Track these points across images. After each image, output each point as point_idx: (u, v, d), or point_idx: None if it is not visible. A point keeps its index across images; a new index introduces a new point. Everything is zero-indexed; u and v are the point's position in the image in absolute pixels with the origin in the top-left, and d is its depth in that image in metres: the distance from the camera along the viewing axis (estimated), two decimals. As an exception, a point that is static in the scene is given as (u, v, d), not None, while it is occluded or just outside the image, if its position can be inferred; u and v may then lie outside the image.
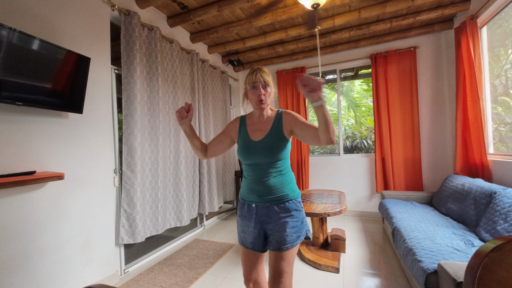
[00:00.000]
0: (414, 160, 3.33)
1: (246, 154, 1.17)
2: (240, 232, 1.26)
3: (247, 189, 1.21)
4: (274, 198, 1.13)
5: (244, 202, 1.23)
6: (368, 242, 2.71)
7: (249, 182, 1.19)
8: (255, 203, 1.17)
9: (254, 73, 1.14)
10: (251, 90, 1.16)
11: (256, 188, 1.16)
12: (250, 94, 1.17)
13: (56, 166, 1.72)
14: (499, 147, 2.53)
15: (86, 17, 1.95)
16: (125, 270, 2.25)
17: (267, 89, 1.15)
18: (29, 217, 1.57)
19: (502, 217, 1.66)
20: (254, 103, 1.18)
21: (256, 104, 1.17)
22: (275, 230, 1.12)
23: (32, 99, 1.51)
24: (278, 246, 1.10)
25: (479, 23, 2.53)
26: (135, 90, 2.23)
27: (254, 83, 1.14)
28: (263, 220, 1.16)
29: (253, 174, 1.17)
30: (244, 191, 1.24)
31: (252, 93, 1.16)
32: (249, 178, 1.20)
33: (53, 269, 1.68)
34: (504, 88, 2.49)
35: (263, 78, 1.13)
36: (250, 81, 1.15)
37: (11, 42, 1.38)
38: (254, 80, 1.14)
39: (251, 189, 1.18)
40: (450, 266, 1.24)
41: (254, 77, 1.13)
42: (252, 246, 1.20)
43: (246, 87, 1.20)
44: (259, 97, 1.14)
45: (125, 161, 2.19)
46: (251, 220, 1.18)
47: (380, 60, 3.44)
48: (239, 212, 1.26)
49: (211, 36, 3.14)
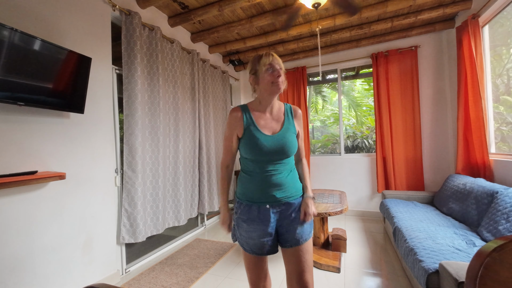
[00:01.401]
0: (415, 160, 3.32)
1: (259, 150, 1.05)
2: (246, 238, 1.09)
3: (256, 188, 1.08)
4: (290, 195, 1.09)
5: (252, 204, 1.08)
6: (369, 242, 2.70)
7: (259, 180, 1.07)
8: (269, 203, 1.06)
9: (268, 55, 1.06)
10: (266, 72, 1.05)
11: (270, 187, 1.06)
12: (265, 77, 1.06)
13: (57, 166, 1.73)
14: (501, 147, 2.52)
15: (87, 17, 1.96)
16: (126, 270, 2.25)
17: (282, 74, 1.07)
18: (31, 216, 1.58)
19: (504, 217, 1.65)
20: (270, 86, 1.06)
21: (272, 87, 1.06)
22: (291, 226, 1.08)
23: (34, 99, 1.51)
24: (298, 240, 1.07)
25: (480, 22, 2.52)
26: (136, 90, 2.23)
27: (271, 65, 1.05)
28: (277, 219, 1.08)
29: (263, 172, 1.06)
30: (250, 191, 1.09)
31: (269, 75, 1.05)
32: (258, 176, 1.07)
33: (54, 268, 1.68)
34: (506, 87, 2.48)
35: (277, 61, 1.07)
36: (265, 63, 1.05)
37: (12, 43, 1.38)
38: (271, 61, 1.05)
39: (262, 188, 1.07)
40: (451, 266, 1.24)
41: (271, 58, 1.06)
42: (268, 251, 1.09)
43: (257, 71, 1.08)
44: (277, 79, 1.05)
45: (126, 160, 2.19)
46: (266, 223, 1.06)
47: (381, 59, 3.43)
48: (244, 216, 1.10)
49: (211, 36, 3.14)
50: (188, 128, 2.98)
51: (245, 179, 1.13)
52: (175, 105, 2.77)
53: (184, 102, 2.93)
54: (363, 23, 3.11)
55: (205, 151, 3.23)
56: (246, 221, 1.08)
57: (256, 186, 1.08)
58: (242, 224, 1.10)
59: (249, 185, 1.10)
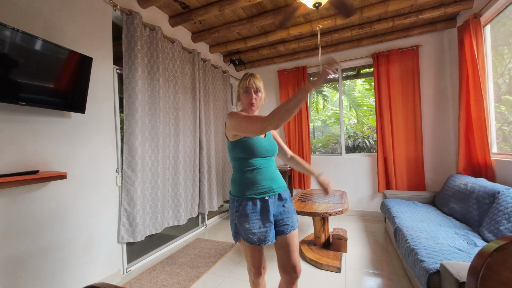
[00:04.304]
0: (416, 160, 3.32)
1: (260, 149, 1.23)
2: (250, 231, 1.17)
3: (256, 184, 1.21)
4: (281, 186, 1.30)
5: (252, 198, 1.20)
6: (370, 242, 2.70)
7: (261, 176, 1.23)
8: (267, 195, 1.22)
9: (247, 78, 1.26)
10: (243, 94, 1.27)
11: (269, 180, 1.24)
12: (242, 98, 1.29)
13: (59, 166, 1.73)
14: (502, 147, 2.51)
15: (88, 17, 1.96)
16: (127, 269, 2.26)
17: (258, 94, 1.27)
18: (32, 216, 1.58)
19: (505, 217, 1.65)
20: (246, 105, 1.28)
21: (247, 107, 1.28)
22: (285, 214, 1.27)
23: (35, 99, 1.52)
24: (292, 226, 1.26)
25: (482, 21, 2.51)
26: (136, 90, 2.23)
27: (247, 88, 1.26)
28: (274, 208, 1.24)
29: (262, 168, 1.24)
30: (248, 188, 1.21)
31: (244, 97, 1.27)
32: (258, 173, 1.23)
33: (55, 267, 1.69)
34: (507, 87, 2.47)
35: (255, 84, 1.25)
36: (243, 85, 1.26)
37: (14, 43, 1.39)
38: (247, 85, 1.25)
39: (261, 182, 1.22)
40: (452, 266, 1.24)
41: (248, 83, 1.25)
42: (270, 238, 1.19)
43: (239, 91, 1.31)
44: (251, 101, 1.26)
45: (126, 160, 2.20)
46: (267, 213, 1.20)
47: (382, 59, 3.42)
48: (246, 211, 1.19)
49: (212, 35, 3.14)
50: (188, 128, 2.98)
51: (243, 178, 1.24)
52: (176, 105, 2.77)
53: (184, 102, 2.94)
54: (364, 22, 3.11)
55: (205, 151, 3.23)
56: (249, 215, 1.19)
57: (253, 181, 1.22)
58: (245, 219, 1.20)
59: (246, 182, 1.23)
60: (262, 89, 1.28)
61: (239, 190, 1.23)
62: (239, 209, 1.21)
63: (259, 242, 1.18)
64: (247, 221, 1.19)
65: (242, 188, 1.22)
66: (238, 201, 1.22)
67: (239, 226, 1.21)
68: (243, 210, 1.20)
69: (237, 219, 1.22)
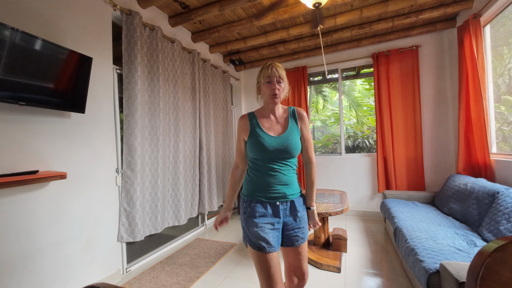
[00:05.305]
0: (416, 160, 3.32)
1: (264, 149, 1.13)
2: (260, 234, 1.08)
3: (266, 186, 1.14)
4: (294, 193, 1.18)
5: (262, 201, 1.14)
6: (370, 242, 2.70)
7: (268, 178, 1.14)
8: (279, 201, 1.14)
9: (269, 67, 1.15)
10: (265, 84, 1.16)
11: (278, 184, 1.14)
12: (264, 88, 1.17)
13: (58, 166, 1.73)
14: (502, 147, 2.51)
15: (88, 17, 1.96)
16: (127, 269, 2.26)
17: (281, 84, 1.17)
18: (32, 216, 1.58)
19: (505, 217, 1.65)
20: (268, 97, 1.17)
21: (269, 98, 1.17)
22: (296, 224, 1.17)
23: (35, 99, 1.51)
24: (303, 238, 1.18)
25: (482, 21, 2.51)
26: (136, 90, 2.23)
27: (269, 77, 1.15)
28: (284, 217, 1.16)
29: (271, 170, 1.13)
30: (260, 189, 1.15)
31: (266, 87, 1.16)
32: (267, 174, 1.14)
33: (55, 267, 1.69)
34: (507, 87, 2.47)
35: (278, 73, 1.15)
36: (265, 75, 1.15)
37: (14, 42, 1.39)
38: (269, 74, 1.14)
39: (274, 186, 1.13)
40: (452, 266, 1.24)
41: (270, 71, 1.14)
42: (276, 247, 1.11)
43: (259, 81, 1.20)
44: (273, 91, 1.15)
45: (125, 160, 2.20)
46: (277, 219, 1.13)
47: (382, 59, 3.42)
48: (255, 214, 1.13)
49: (212, 35, 3.14)
50: (188, 127, 2.98)
51: (253, 179, 1.18)
52: (176, 105, 2.77)
53: (184, 102, 2.94)
54: (364, 22, 3.11)
55: (205, 151, 3.23)
56: (257, 218, 1.12)
57: (265, 183, 1.15)
58: (252, 222, 1.12)
59: (259, 183, 1.16)
60: (285, 78, 1.18)
61: (249, 189, 1.18)
62: (247, 210, 1.16)
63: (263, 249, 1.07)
64: (254, 225, 1.11)
65: (253, 188, 1.17)
66: (247, 202, 1.17)
67: (246, 229, 1.15)
68: (252, 211, 1.14)
69: (245, 221, 1.16)
